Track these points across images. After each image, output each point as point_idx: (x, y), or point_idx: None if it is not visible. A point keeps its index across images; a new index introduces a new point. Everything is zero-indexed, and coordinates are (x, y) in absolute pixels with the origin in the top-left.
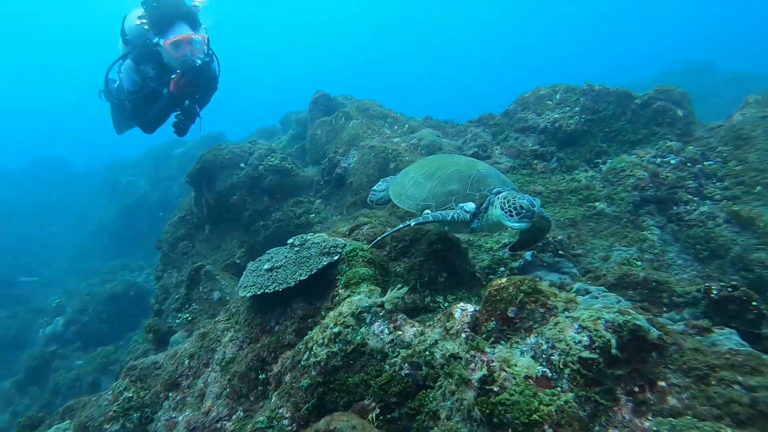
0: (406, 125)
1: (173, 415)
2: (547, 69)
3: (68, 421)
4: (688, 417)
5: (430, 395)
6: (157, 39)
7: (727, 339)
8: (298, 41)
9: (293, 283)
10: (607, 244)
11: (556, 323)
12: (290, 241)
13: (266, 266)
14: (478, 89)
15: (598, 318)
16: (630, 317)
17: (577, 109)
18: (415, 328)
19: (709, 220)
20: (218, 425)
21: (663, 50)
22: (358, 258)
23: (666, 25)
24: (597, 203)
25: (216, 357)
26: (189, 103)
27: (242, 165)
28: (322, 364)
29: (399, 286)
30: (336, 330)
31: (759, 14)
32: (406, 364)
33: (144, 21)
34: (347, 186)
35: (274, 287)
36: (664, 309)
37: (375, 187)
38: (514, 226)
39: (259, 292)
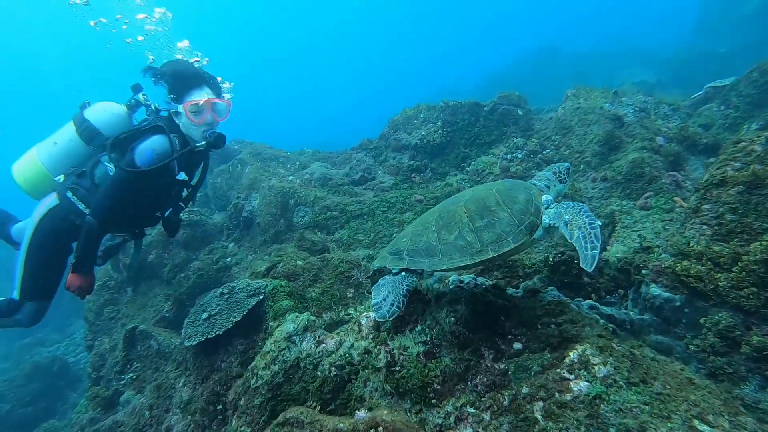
0: (297, 162)
1: None
2: (421, 76)
3: None
4: (526, 354)
5: (355, 385)
6: (170, 107)
7: (549, 295)
8: None
9: (231, 325)
10: None
11: (431, 313)
12: (219, 290)
13: (203, 316)
14: (355, 114)
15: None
16: (483, 295)
17: (439, 123)
18: (334, 339)
19: None
20: None
21: (516, 38)
22: (279, 293)
23: (516, 14)
24: None
25: (174, 401)
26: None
27: None
28: (269, 382)
29: (313, 310)
30: (274, 354)
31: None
32: (333, 367)
33: (143, 97)
34: (256, 226)
35: (215, 332)
36: (521, 279)
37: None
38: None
39: (203, 339)
